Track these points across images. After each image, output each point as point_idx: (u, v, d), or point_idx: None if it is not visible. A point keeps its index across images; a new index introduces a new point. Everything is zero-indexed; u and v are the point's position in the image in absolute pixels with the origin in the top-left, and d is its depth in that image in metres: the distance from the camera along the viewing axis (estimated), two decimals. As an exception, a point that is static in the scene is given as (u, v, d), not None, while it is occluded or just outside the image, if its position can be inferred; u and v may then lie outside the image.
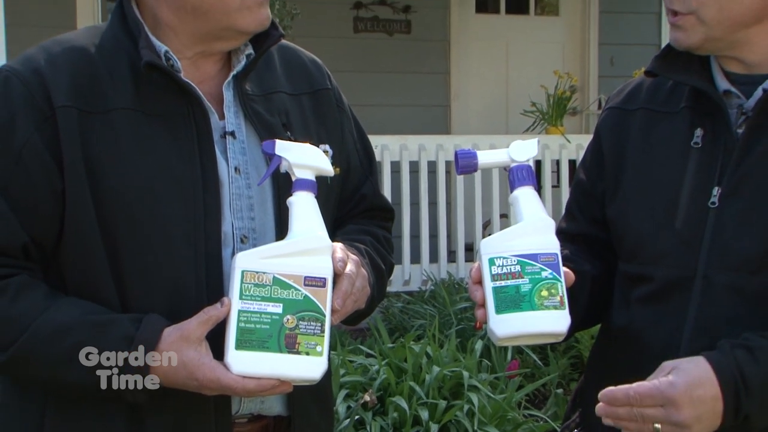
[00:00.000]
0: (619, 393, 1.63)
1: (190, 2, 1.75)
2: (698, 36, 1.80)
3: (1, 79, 1.74)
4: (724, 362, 1.63)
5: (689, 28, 1.79)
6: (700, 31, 1.79)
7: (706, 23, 1.77)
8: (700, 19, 1.77)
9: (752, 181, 1.78)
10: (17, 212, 1.68)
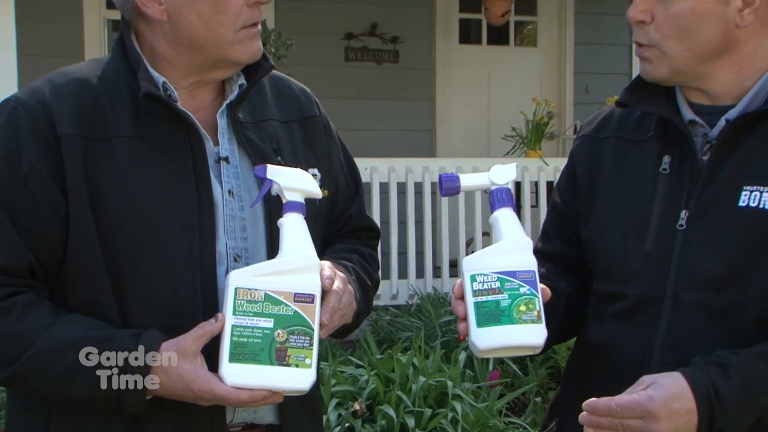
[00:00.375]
0: (601, 404, 1.63)
1: (185, 36, 1.77)
2: (664, 68, 1.81)
3: (9, 109, 1.74)
4: (699, 378, 1.63)
5: (655, 60, 1.81)
6: (665, 63, 1.80)
7: (669, 56, 1.79)
8: (662, 52, 1.79)
9: (717, 205, 1.78)
10: (23, 234, 1.69)
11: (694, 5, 1.75)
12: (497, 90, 8.79)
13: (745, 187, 1.76)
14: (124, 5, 1.80)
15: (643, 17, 1.80)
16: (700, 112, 1.85)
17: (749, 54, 1.81)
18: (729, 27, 1.77)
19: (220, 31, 1.76)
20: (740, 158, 1.78)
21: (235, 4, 1.75)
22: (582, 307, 2.00)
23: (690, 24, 1.76)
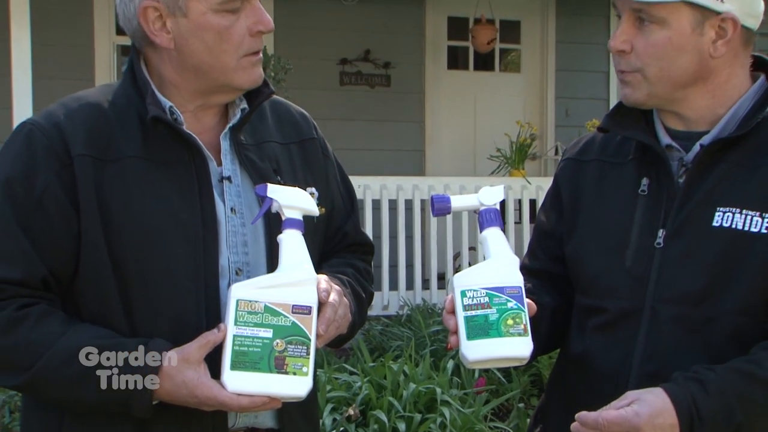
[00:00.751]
0: (589, 418, 1.63)
1: (191, 63, 1.77)
2: (643, 92, 1.81)
3: (26, 131, 1.75)
4: (680, 394, 1.64)
5: (635, 84, 1.81)
6: (645, 87, 1.81)
7: (649, 81, 1.79)
8: (644, 77, 1.79)
9: (692, 224, 1.79)
10: (38, 249, 1.69)
11: (671, 36, 1.75)
12: (483, 113, 8.79)
13: (718, 208, 1.77)
14: (135, 34, 1.81)
15: (623, 47, 1.80)
16: (676, 137, 1.86)
17: (722, 82, 1.82)
18: (704, 57, 1.77)
19: (224, 58, 1.77)
20: (714, 181, 1.79)
21: (238, 33, 1.76)
22: (565, 321, 2.00)
23: (667, 54, 1.77)
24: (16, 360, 1.68)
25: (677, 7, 1.73)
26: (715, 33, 1.76)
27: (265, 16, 1.80)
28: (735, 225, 1.75)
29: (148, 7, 1.74)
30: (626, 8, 1.78)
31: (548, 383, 2.10)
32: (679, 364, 1.75)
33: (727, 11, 1.73)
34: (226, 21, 1.75)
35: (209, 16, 1.74)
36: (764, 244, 1.73)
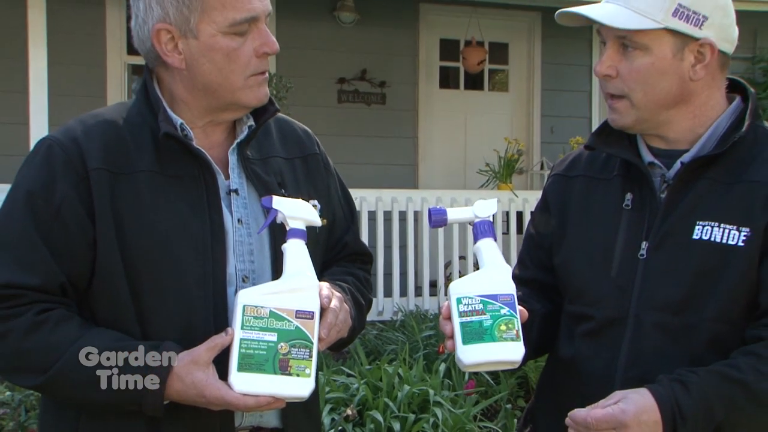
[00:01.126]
0: (579, 416, 1.66)
1: (201, 82, 1.78)
2: (631, 117, 1.82)
3: (45, 146, 1.76)
4: (663, 394, 1.65)
5: (624, 111, 1.82)
6: (633, 113, 1.82)
7: (637, 106, 1.80)
8: (631, 103, 1.80)
9: (674, 237, 1.80)
10: (56, 257, 1.70)
11: (653, 61, 1.77)
12: (473, 129, 8.80)
13: (698, 222, 1.78)
14: (148, 54, 1.81)
15: (609, 72, 1.81)
16: (658, 155, 1.87)
17: (702, 104, 1.83)
18: (684, 80, 1.79)
19: (232, 78, 1.77)
20: (694, 196, 1.80)
21: (245, 54, 1.76)
22: (554, 327, 2.00)
23: (651, 78, 1.78)
24: (35, 362, 1.68)
25: (659, 34, 1.75)
26: (694, 57, 1.78)
27: (271, 39, 1.80)
28: (714, 238, 1.75)
29: (161, 29, 1.74)
30: (611, 36, 1.79)
31: (538, 386, 2.09)
32: (662, 369, 1.75)
33: (704, 37, 1.75)
34: (234, 43, 1.75)
35: (218, 38, 1.74)
36: (741, 257, 1.73)
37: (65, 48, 7.02)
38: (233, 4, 1.73)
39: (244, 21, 1.75)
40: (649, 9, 1.73)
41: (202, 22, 1.73)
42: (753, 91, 1.88)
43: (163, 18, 1.74)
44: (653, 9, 1.73)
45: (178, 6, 1.73)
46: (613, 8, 1.77)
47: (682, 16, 1.73)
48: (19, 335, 1.66)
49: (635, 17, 1.74)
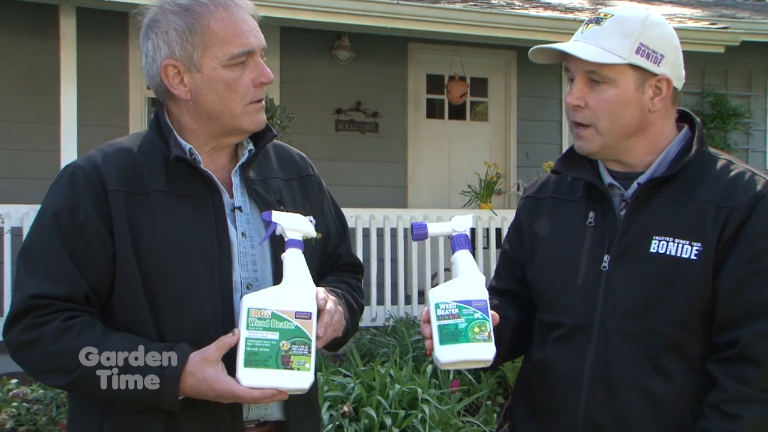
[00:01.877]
0: None
1: (205, 110, 1.80)
2: (597, 144, 1.84)
3: (69, 172, 1.78)
4: None
5: (589, 138, 1.84)
6: (598, 140, 1.83)
7: (602, 134, 1.82)
8: (597, 131, 1.82)
9: (633, 250, 1.80)
10: (80, 270, 1.71)
11: (618, 93, 1.79)
12: (456, 155, 8.81)
13: (654, 236, 1.78)
14: (158, 89, 1.84)
15: (578, 102, 1.83)
16: (617, 177, 1.88)
17: (657, 132, 1.85)
18: (644, 111, 1.81)
19: (233, 105, 1.79)
20: (650, 214, 1.81)
21: (243, 84, 1.79)
22: (526, 332, 1.99)
23: (616, 108, 1.80)
24: (63, 364, 1.68)
25: (623, 69, 1.77)
26: (653, 91, 1.80)
27: (266, 70, 1.82)
28: (669, 251, 1.76)
29: (168, 64, 1.77)
30: (580, 70, 1.81)
31: (515, 386, 2.08)
32: (625, 371, 1.77)
33: (662, 73, 1.79)
34: (233, 74, 1.77)
35: (219, 71, 1.77)
36: (694, 269, 1.74)
37: (93, 84, 7.02)
38: (232, 40, 1.76)
39: (242, 54, 1.77)
40: (616, 47, 1.77)
41: (204, 57, 1.76)
42: (699, 121, 1.91)
43: (169, 55, 1.77)
44: (619, 47, 1.77)
45: (183, 43, 1.76)
46: (584, 45, 1.80)
47: (643, 53, 1.77)
48: (49, 340, 1.67)
49: (604, 53, 1.77)
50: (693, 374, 1.76)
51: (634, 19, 1.79)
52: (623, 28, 1.78)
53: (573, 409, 1.81)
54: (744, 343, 1.69)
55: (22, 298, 1.69)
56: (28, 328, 1.68)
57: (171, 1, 1.79)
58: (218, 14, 1.76)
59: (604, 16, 1.82)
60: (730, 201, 1.74)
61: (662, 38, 1.80)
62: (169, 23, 1.77)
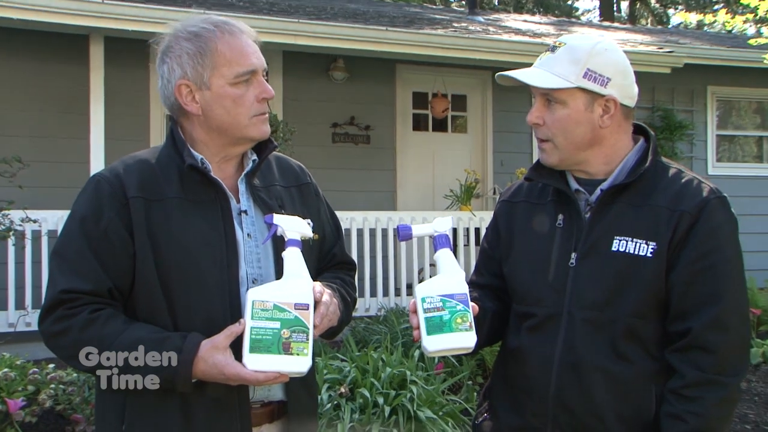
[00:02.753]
0: None
1: (215, 124, 1.81)
2: (555, 157, 1.86)
3: (95, 181, 1.79)
4: None
5: (549, 151, 1.86)
6: (556, 154, 1.85)
7: (559, 148, 1.83)
8: (555, 145, 1.83)
9: (596, 249, 1.81)
10: (104, 268, 1.71)
11: (570, 113, 1.81)
12: (439, 163, 8.81)
13: (615, 236, 1.79)
14: (172, 107, 1.85)
15: (537, 120, 1.85)
16: (582, 183, 1.89)
17: (611, 145, 1.86)
18: (595, 127, 1.82)
19: (239, 118, 1.80)
20: (612, 216, 1.81)
21: (248, 99, 1.80)
22: (503, 322, 1.99)
23: (568, 125, 1.81)
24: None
25: (573, 92, 1.79)
26: (602, 110, 1.81)
27: (267, 87, 1.83)
28: (628, 250, 1.76)
29: (181, 84, 1.79)
30: (538, 93, 1.84)
31: (493, 369, 2.08)
32: (590, 355, 1.77)
33: (609, 94, 1.80)
34: (239, 91, 1.79)
35: (227, 88, 1.78)
36: (649, 265, 1.75)
37: (118, 103, 7.00)
38: (237, 61, 1.77)
39: (246, 73, 1.78)
40: (566, 72, 1.79)
41: (213, 76, 1.77)
42: (653, 134, 1.92)
43: (183, 76, 1.78)
44: (569, 73, 1.78)
45: (194, 65, 1.77)
46: (538, 72, 1.82)
47: (590, 78, 1.78)
48: (77, 330, 1.68)
49: (555, 79, 1.79)
50: (649, 358, 1.77)
51: (582, 48, 1.80)
52: (573, 55, 1.79)
53: (544, 390, 1.81)
54: (696, 332, 1.70)
55: (54, 293, 1.70)
56: (59, 319, 1.69)
57: (182, 29, 1.81)
58: (224, 39, 1.77)
59: (558, 44, 1.84)
60: (680, 206, 1.75)
61: (609, 63, 1.80)
62: (182, 48, 1.78)
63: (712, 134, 9.67)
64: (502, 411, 1.93)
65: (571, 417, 1.78)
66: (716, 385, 1.68)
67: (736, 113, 10.19)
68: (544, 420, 1.82)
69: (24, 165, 5.14)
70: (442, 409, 4.42)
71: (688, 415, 1.67)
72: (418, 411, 4.19)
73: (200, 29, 1.78)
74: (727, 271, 1.73)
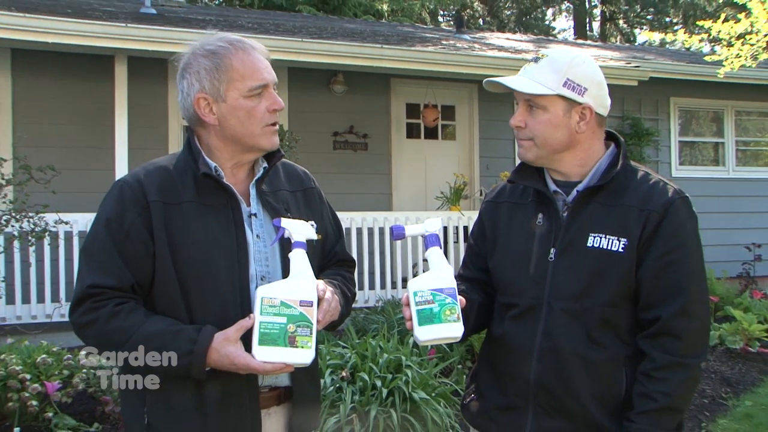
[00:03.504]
0: None
1: (230, 133, 1.80)
2: (533, 153, 1.85)
3: (119, 186, 1.78)
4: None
5: (528, 148, 1.86)
6: (534, 151, 1.85)
7: (537, 146, 1.83)
8: (534, 144, 1.83)
9: (573, 245, 1.80)
10: (127, 265, 1.70)
11: (550, 117, 1.81)
12: (431, 167, 8.78)
13: (590, 234, 1.79)
14: (191, 118, 1.84)
15: (519, 123, 1.85)
16: (559, 185, 1.88)
17: (585, 149, 1.86)
18: (572, 132, 1.82)
19: (252, 128, 1.79)
20: (587, 215, 1.81)
21: (260, 111, 1.79)
22: (489, 312, 1.98)
23: (548, 129, 1.81)
24: (114, 339, 1.68)
25: (553, 99, 1.79)
26: (579, 116, 1.81)
27: (278, 99, 1.82)
28: (602, 246, 1.76)
29: (200, 97, 1.78)
30: (522, 98, 1.84)
31: (479, 354, 2.07)
32: (567, 341, 1.77)
33: (585, 102, 1.80)
34: (252, 103, 1.78)
35: (241, 101, 1.77)
36: (621, 260, 1.75)
37: (140, 116, 6.99)
38: (250, 76, 1.77)
39: (259, 87, 1.78)
40: (547, 81, 1.79)
41: (228, 90, 1.76)
42: (623, 140, 1.92)
43: (201, 89, 1.78)
44: (550, 81, 1.79)
45: (211, 80, 1.76)
46: (523, 79, 1.82)
47: (569, 86, 1.78)
48: (103, 321, 1.68)
49: (538, 86, 1.79)
50: (621, 343, 1.77)
51: (563, 60, 1.81)
52: (554, 66, 1.80)
53: (526, 373, 1.81)
54: (664, 320, 1.71)
55: (82, 287, 1.70)
56: (87, 311, 1.68)
57: (200, 47, 1.80)
58: (238, 55, 1.77)
59: (541, 56, 1.84)
60: (648, 205, 1.76)
61: (586, 75, 1.81)
62: (200, 64, 1.77)
63: (675, 140, 9.76)
64: (488, 392, 1.93)
65: (550, 397, 1.78)
66: (682, 367, 1.70)
67: (695, 122, 10.32)
68: (526, 400, 1.81)
69: (57, 173, 5.17)
70: (435, 390, 4.41)
71: (658, 395, 1.69)
72: (413, 393, 4.18)
73: (217, 47, 1.78)
74: (691, 265, 1.75)
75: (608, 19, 27.07)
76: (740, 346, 6.29)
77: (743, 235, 9.31)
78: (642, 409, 1.70)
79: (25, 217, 5.14)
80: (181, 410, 1.73)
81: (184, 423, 1.73)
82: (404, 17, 17.21)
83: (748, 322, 6.39)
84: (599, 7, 27.15)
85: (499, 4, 26.56)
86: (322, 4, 15.73)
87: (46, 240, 5.55)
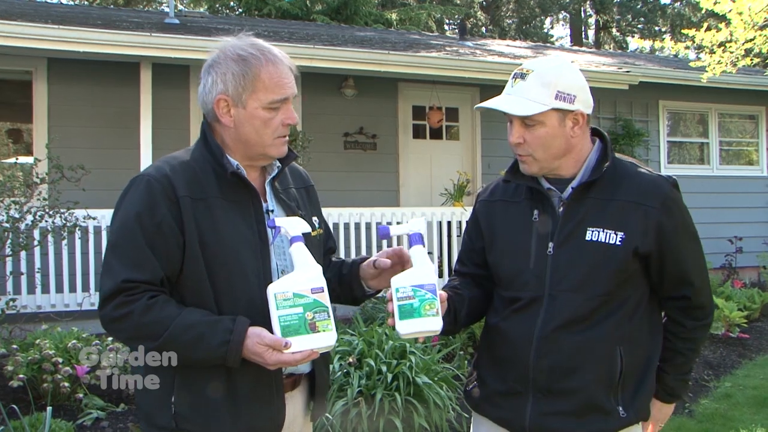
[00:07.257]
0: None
1: (243, 138, 1.75)
2: (535, 167, 1.83)
3: (145, 180, 1.70)
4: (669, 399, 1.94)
5: (529, 163, 1.82)
6: (536, 164, 1.82)
7: (538, 160, 1.80)
8: (534, 158, 1.80)
9: (571, 239, 1.78)
10: (158, 259, 1.65)
11: (547, 130, 1.77)
12: (436, 166, 8.74)
13: (588, 227, 1.77)
14: (208, 113, 1.79)
15: (518, 141, 1.81)
16: (553, 183, 1.86)
17: (579, 150, 1.84)
18: (567, 138, 1.80)
19: (264, 138, 1.75)
20: (584, 209, 1.79)
21: (275, 123, 1.75)
22: (483, 305, 1.96)
23: (547, 141, 1.78)
24: (151, 332, 1.62)
25: (548, 113, 1.76)
26: (572, 123, 1.79)
27: (293, 114, 1.78)
28: (599, 239, 1.75)
29: (221, 99, 1.73)
30: (515, 117, 1.80)
31: (479, 344, 2.05)
32: (566, 327, 1.76)
33: (577, 109, 1.77)
34: (269, 115, 1.73)
35: (259, 111, 1.72)
36: (618, 252, 1.74)
37: (163, 119, 6.99)
38: (273, 89, 1.72)
39: (279, 101, 1.73)
40: (540, 97, 1.75)
41: (250, 98, 1.71)
42: (607, 135, 1.91)
43: (223, 91, 1.73)
44: (542, 97, 1.75)
45: (236, 85, 1.71)
46: (515, 99, 1.77)
47: (560, 98, 1.75)
48: (138, 314, 1.61)
49: (532, 104, 1.75)
50: (616, 326, 1.76)
51: (550, 72, 1.76)
52: (543, 79, 1.75)
53: (525, 359, 1.79)
54: (690, 296, 1.83)
55: (115, 282, 1.61)
56: (120, 304, 1.61)
57: (232, 50, 1.74)
58: (267, 68, 1.71)
59: (526, 71, 1.79)
60: (645, 200, 1.76)
61: (573, 82, 1.77)
62: (228, 67, 1.72)
63: (664, 141, 9.78)
64: (489, 379, 1.91)
65: (549, 381, 1.77)
66: (705, 326, 1.89)
67: (683, 123, 10.35)
68: (526, 385, 1.80)
69: (87, 172, 5.18)
70: (437, 375, 4.38)
71: (687, 351, 1.87)
72: (417, 377, 4.15)
73: (249, 54, 1.71)
74: (698, 250, 1.86)
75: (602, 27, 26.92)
76: (722, 332, 6.29)
77: (726, 228, 9.36)
78: (675, 362, 1.85)
79: (58, 213, 5.17)
80: (209, 399, 1.68)
81: (214, 412, 1.68)
82: (412, 26, 17.14)
83: (729, 310, 6.39)
84: (594, 16, 27.01)
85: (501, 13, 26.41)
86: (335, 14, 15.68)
87: (77, 234, 5.57)
